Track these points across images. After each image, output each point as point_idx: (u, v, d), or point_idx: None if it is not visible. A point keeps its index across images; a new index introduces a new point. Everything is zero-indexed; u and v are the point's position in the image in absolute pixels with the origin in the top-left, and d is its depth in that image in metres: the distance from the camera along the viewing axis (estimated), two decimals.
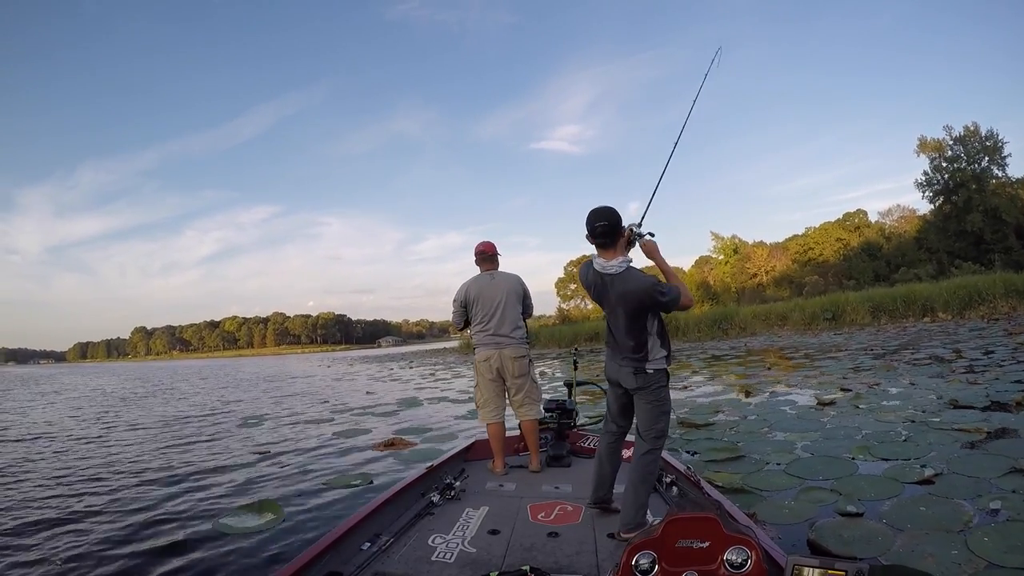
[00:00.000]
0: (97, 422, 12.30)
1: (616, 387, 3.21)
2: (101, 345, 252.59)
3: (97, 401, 18.40)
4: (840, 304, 26.78)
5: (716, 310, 35.79)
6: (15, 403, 18.86)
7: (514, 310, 4.41)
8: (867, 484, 4.00)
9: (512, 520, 3.29)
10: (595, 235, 3.04)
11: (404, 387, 16.57)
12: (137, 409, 14.98)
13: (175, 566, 3.76)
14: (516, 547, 2.90)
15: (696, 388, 10.39)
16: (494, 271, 4.53)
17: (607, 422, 3.36)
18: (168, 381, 30.02)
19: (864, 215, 58.64)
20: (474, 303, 4.45)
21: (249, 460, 7.02)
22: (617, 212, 3.05)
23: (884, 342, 16.17)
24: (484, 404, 4.46)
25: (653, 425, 3.05)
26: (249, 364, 62.01)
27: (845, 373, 10.32)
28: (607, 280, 3.04)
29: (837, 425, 5.99)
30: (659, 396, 3.06)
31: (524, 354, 4.42)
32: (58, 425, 11.95)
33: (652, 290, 2.93)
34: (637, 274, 3.01)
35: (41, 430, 11.13)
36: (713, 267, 66.49)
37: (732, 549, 1.99)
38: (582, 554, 2.82)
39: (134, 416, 13.23)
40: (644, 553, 1.99)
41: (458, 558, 2.76)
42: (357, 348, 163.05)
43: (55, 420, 13.05)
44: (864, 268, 49.56)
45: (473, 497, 3.72)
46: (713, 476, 4.47)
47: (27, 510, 5.25)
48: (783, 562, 1.97)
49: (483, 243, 4.60)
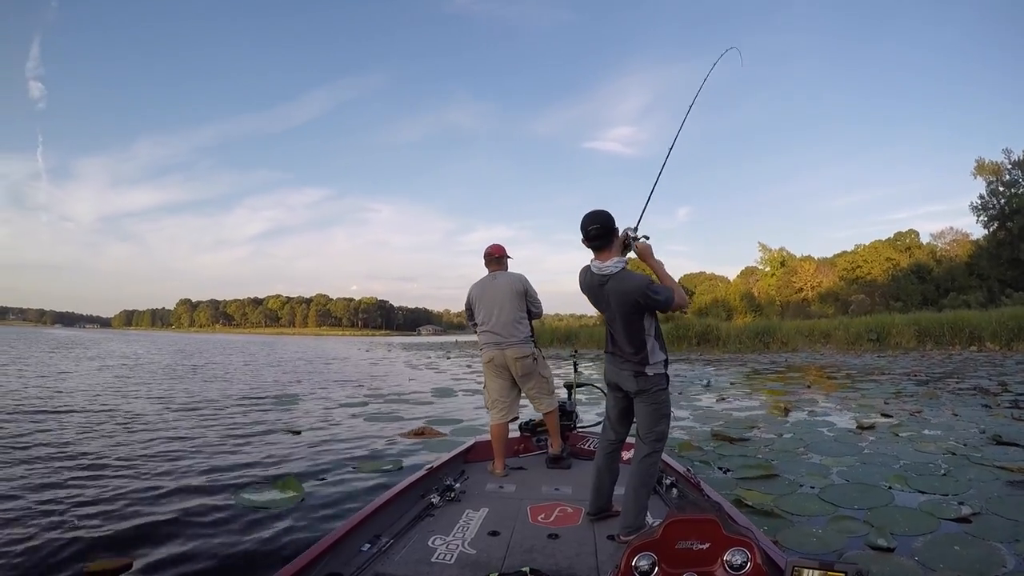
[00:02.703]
0: (135, 388, 12.72)
1: (616, 391, 3.19)
2: (146, 314, 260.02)
3: (138, 368, 18.92)
4: (886, 326, 25.96)
5: (759, 322, 35.08)
6: (64, 366, 19.56)
7: (514, 310, 4.33)
8: (901, 517, 3.83)
9: (512, 522, 3.26)
10: (589, 238, 3.04)
11: (440, 377, 16.65)
12: (176, 379, 15.37)
13: (189, 533, 3.84)
14: (516, 549, 2.87)
15: (733, 401, 10.18)
16: (497, 272, 4.50)
17: (606, 429, 3.32)
18: (210, 354, 30.76)
19: (916, 236, 56.79)
20: (476, 304, 4.46)
21: (278, 437, 7.14)
22: (610, 215, 3.06)
23: (928, 368, 15.60)
24: (492, 405, 4.45)
25: (653, 428, 3.02)
26: (290, 343, 63.26)
27: (886, 397, 9.96)
28: (604, 281, 3.04)
29: (875, 451, 5.78)
30: (659, 399, 3.03)
31: (528, 354, 4.35)
32: (99, 389, 12.37)
33: (646, 288, 2.93)
34: (632, 273, 3.02)
35: (83, 394, 11.48)
36: (759, 279, 65.20)
37: (732, 551, 1.96)
38: (582, 556, 2.79)
39: (173, 385, 13.63)
40: (644, 555, 1.96)
41: (458, 559, 2.73)
42: (397, 335, 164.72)
43: (97, 385, 13.45)
44: (912, 290, 47.89)
45: (473, 498, 3.69)
46: (744, 494, 4.36)
47: (51, 466, 5.46)
48: (783, 564, 1.93)
49: (491, 245, 4.59)
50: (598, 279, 3.07)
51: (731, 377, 14.96)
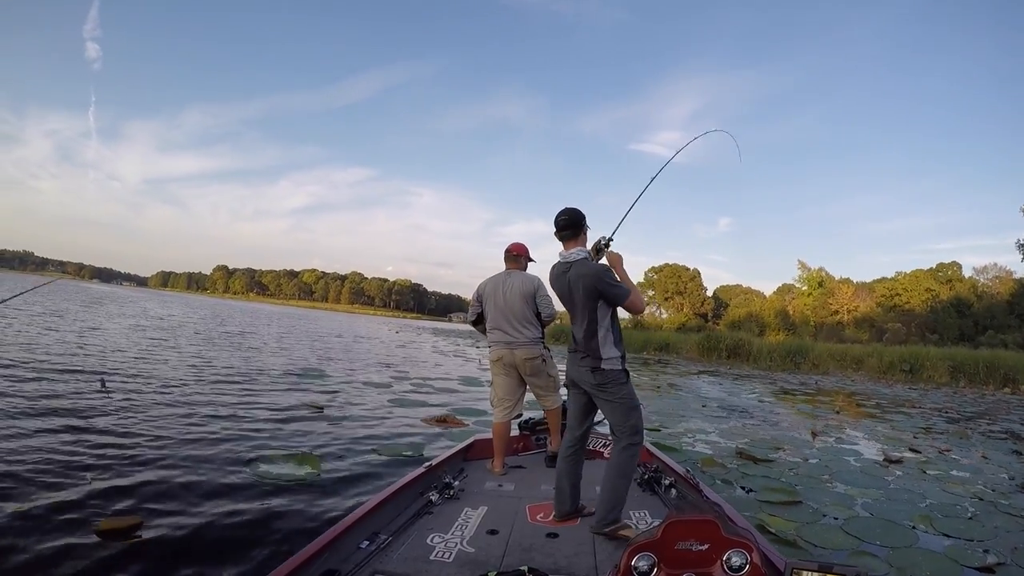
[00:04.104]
0: (165, 351, 12.85)
1: (575, 388, 3.28)
2: (183, 276, 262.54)
3: (171, 331, 19.07)
4: (920, 358, 25.18)
5: (791, 341, 34.35)
6: (98, 322, 19.97)
7: (523, 311, 4.33)
8: (924, 560, 3.76)
9: (511, 520, 3.27)
10: (558, 227, 3.29)
11: (467, 365, 16.69)
12: (208, 345, 15.59)
13: (202, 499, 3.94)
14: (515, 547, 2.88)
15: (760, 419, 10.07)
16: (512, 271, 4.49)
17: (569, 429, 3.40)
18: (243, 322, 31.25)
19: (958, 268, 55.22)
20: (487, 301, 4.46)
21: (301, 413, 7.20)
22: (579, 211, 3.31)
23: (960, 406, 15.16)
24: (498, 403, 4.47)
25: (625, 421, 3.07)
26: (322, 317, 63.81)
27: (916, 432, 9.72)
28: (567, 268, 3.23)
29: (901, 487, 5.66)
30: (621, 393, 3.09)
31: (537, 355, 4.37)
32: (129, 349, 12.65)
33: (603, 274, 3.12)
34: (592, 262, 3.24)
35: (113, 354, 11.72)
36: (795, 296, 64.05)
37: (731, 552, 1.97)
38: (580, 555, 2.79)
39: (202, 351, 13.82)
40: (643, 555, 1.97)
41: (456, 558, 2.73)
42: (428, 319, 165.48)
43: (128, 344, 13.70)
44: (950, 324, 46.62)
45: (472, 497, 3.70)
46: (767, 519, 4.32)
47: (71, 424, 5.53)
48: (782, 566, 1.94)
49: (513, 243, 4.61)
50: (563, 267, 3.27)
51: (760, 395, 14.77)
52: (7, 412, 5.66)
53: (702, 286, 75.95)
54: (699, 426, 8.68)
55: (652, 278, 74.83)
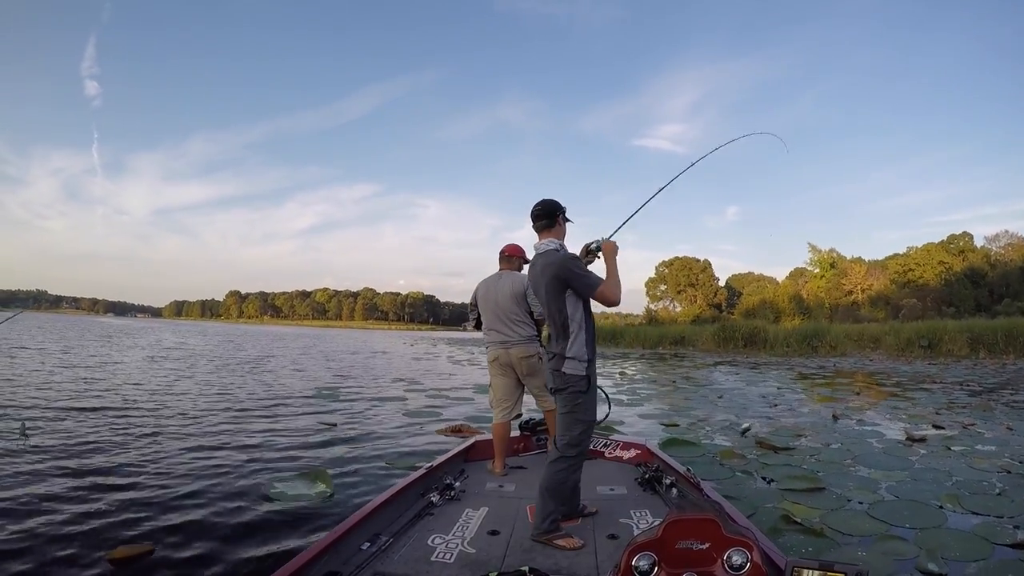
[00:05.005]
0: (180, 378, 12.89)
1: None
2: (196, 304, 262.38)
3: (185, 359, 19.00)
4: (938, 332, 24.92)
5: (807, 325, 34.05)
6: (113, 355, 20.07)
7: (515, 311, 4.31)
8: (953, 540, 3.64)
9: (512, 521, 3.24)
10: (533, 217, 3.24)
11: (483, 372, 16.56)
12: (222, 368, 15.66)
13: (214, 522, 3.88)
14: (516, 548, 2.86)
15: (779, 406, 9.93)
16: (504, 272, 4.48)
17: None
18: (258, 345, 31.34)
19: (970, 239, 54.55)
20: (481, 302, 4.46)
21: (315, 429, 7.19)
22: (555, 201, 3.25)
23: (981, 378, 14.93)
24: (497, 403, 4.44)
25: (566, 432, 2.97)
26: (337, 335, 64.03)
27: (938, 408, 9.56)
28: (538, 258, 3.17)
29: (926, 467, 5.53)
30: (575, 403, 2.95)
31: (532, 353, 4.32)
32: (144, 376, 12.65)
33: (568, 262, 2.98)
34: (559, 252, 3.12)
35: (128, 382, 11.68)
36: (808, 280, 63.55)
37: (732, 551, 1.94)
38: (581, 555, 2.77)
39: (218, 374, 13.90)
40: (644, 554, 1.94)
41: (458, 558, 2.72)
42: (443, 329, 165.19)
43: (143, 372, 13.70)
44: (965, 295, 46.08)
45: (473, 498, 3.68)
46: (791, 508, 4.22)
47: (83, 451, 5.57)
48: (783, 564, 1.91)
49: (507, 244, 4.60)
50: (534, 259, 3.22)
51: (779, 382, 14.61)
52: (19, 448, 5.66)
53: (714, 276, 75.50)
54: (717, 418, 8.57)
55: (663, 272, 74.50)
